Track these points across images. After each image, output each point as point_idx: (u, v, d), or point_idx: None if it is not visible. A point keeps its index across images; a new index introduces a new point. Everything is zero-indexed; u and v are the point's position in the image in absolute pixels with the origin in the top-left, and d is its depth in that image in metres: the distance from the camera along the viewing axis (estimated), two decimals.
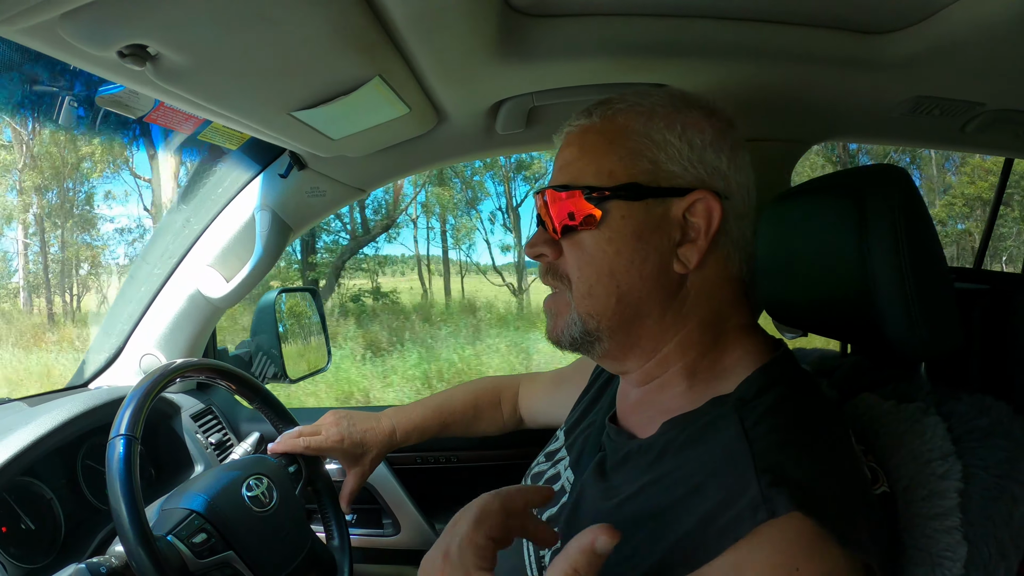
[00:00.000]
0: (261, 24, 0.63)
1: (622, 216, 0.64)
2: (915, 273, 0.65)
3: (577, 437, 0.82)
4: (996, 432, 0.66)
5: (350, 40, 0.69)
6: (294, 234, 1.31)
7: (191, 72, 0.69)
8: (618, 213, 0.64)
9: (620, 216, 0.64)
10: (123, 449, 0.78)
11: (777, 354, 0.67)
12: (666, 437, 0.63)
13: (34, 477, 1.02)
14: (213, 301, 1.27)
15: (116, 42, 0.61)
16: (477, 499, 0.56)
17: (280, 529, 0.93)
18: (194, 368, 0.96)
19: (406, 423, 1.09)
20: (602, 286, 0.66)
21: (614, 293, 0.65)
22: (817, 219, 0.75)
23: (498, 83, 0.95)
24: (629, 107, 0.67)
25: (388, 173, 1.26)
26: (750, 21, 0.87)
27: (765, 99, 1.03)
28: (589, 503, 0.67)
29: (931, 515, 0.63)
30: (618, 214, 0.64)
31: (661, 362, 0.68)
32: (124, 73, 0.67)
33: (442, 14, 0.70)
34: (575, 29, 0.83)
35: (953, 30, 0.81)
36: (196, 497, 0.87)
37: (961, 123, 1.11)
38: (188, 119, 0.94)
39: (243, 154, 1.18)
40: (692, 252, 0.65)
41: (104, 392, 1.20)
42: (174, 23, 0.60)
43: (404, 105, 0.89)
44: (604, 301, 0.66)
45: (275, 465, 0.99)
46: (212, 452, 1.30)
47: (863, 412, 0.74)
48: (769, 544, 0.49)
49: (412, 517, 1.43)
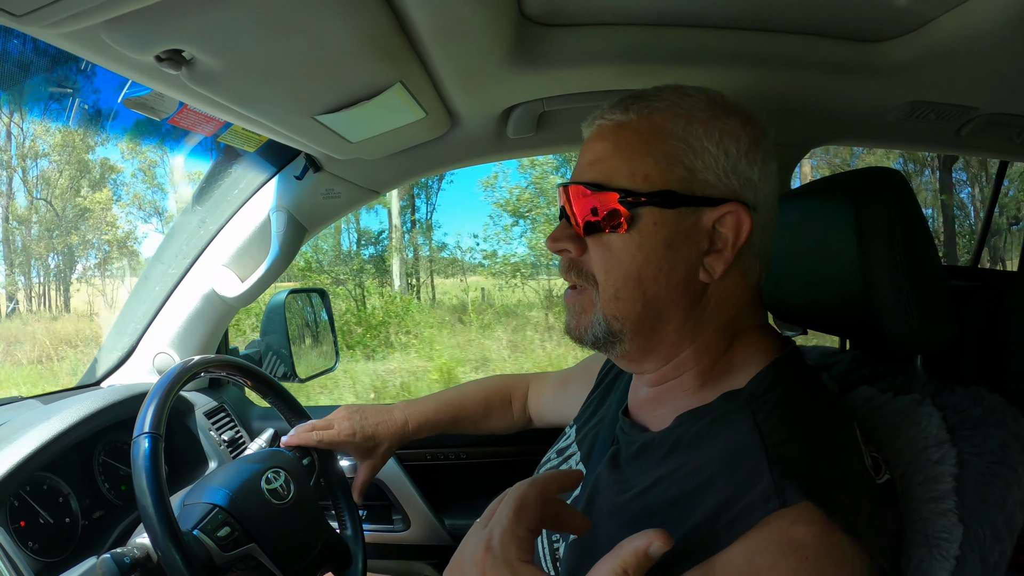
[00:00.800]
0: (292, 31, 0.65)
1: (655, 223, 0.63)
2: (910, 271, 0.68)
3: (588, 433, 0.83)
4: (989, 421, 0.68)
5: (375, 47, 0.72)
6: (309, 234, 1.33)
7: (223, 76, 0.71)
8: (651, 219, 0.63)
9: (653, 223, 0.63)
10: (148, 446, 0.79)
11: (786, 351, 0.68)
12: (679, 431, 0.64)
13: (52, 473, 1.03)
14: (228, 300, 1.28)
15: (156, 47, 0.63)
16: (512, 489, 0.54)
17: (298, 520, 0.94)
18: (213, 364, 0.97)
19: (419, 415, 1.09)
20: (629, 290, 0.65)
21: (640, 299, 0.65)
22: (815, 221, 0.77)
23: (510, 89, 0.98)
24: (668, 107, 0.65)
25: (401, 175, 1.28)
26: (751, 30, 0.91)
27: (765, 104, 1.06)
28: (603, 496, 0.67)
29: (928, 498, 0.65)
30: (651, 220, 0.63)
31: (678, 366, 0.68)
32: (159, 77, 0.70)
33: (462, 23, 0.73)
34: (584, 38, 0.87)
35: (946, 38, 0.84)
36: (218, 491, 0.88)
37: (956, 127, 1.14)
38: (209, 121, 0.96)
39: (259, 156, 1.20)
40: (718, 262, 0.64)
41: (121, 389, 1.21)
42: (211, 29, 0.62)
43: (421, 110, 0.91)
44: (630, 305, 0.65)
45: (290, 458, 1.00)
46: (225, 449, 1.32)
47: (862, 404, 0.77)
48: (780, 533, 0.50)
49: (422, 513, 1.44)
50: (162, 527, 0.75)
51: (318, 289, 1.56)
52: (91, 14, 0.55)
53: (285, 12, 0.62)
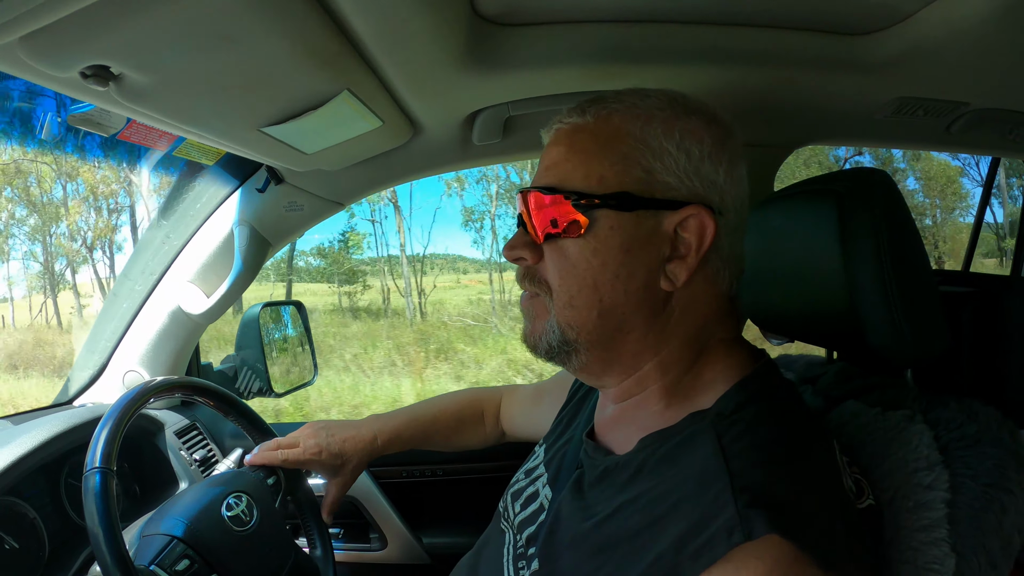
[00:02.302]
0: (222, 43, 0.62)
1: (610, 227, 0.61)
2: (898, 278, 0.63)
3: (555, 454, 0.80)
4: (984, 439, 0.64)
5: (314, 55, 0.68)
6: (273, 249, 1.30)
7: (156, 91, 0.68)
8: (606, 223, 0.61)
9: (608, 226, 0.61)
10: (98, 482, 0.76)
11: (758, 366, 0.64)
12: (643, 454, 0.61)
13: (17, 496, 1.00)
14: (194, 317, 1.26)
15: (77, 63, 0.60)
16: None
17: (262, 546, 0.92)
18: (164, 388, 0.94)
19: (388, 431, 1.06)
20: (584, 298, 0.62)
21: (596, 307, 0.62)
22: (798, 225, 0.73)
23: (472, 94, 0.94)
24: (626, 108, 0.63)
25: (366, 186, 1.25)
26: (727, 25, 0.87)
27: (746, 104, 1.03)
28: (567, 523, 0.65)
29: (918, 527, 0.61)
30: (606, 224, 0.61)
31: (640, 380, 0.66)
32: (89, 93, 0.67)
33: (406, 26, 0.69)
34: (549, 37, 0.83)
35: (933, 30, 0.81)
36: (176, 521, 0.85)
37: (946, 123, 1.11)
38: (162, 136, 0.93)
39: (221, 169, 1.17)
40: (681, 269, 0.61)
41: (87, 410, 1.19)
42: (134, 44, 0.59)
43: (376, 118, 0.88)
44: (585, 314, 0.62)
45: (254, 480, 0.97)
46: (197, 468, 1.29)
47: (848, 420, 0.73)
48: (744, 569, 0.47)
49: (398, 531, 1.42)
50: (115, 566, 0.73)
51: (294, 301, 1.54)
52: (2, 31, 0.51)
53: (212, 24, 0.58)
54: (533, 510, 0.75)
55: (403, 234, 12.37)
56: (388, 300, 12.42)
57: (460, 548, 1.24)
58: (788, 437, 0.58)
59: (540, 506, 0.75)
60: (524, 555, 0.72)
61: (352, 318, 11.93)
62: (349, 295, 12.54)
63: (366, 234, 13.00)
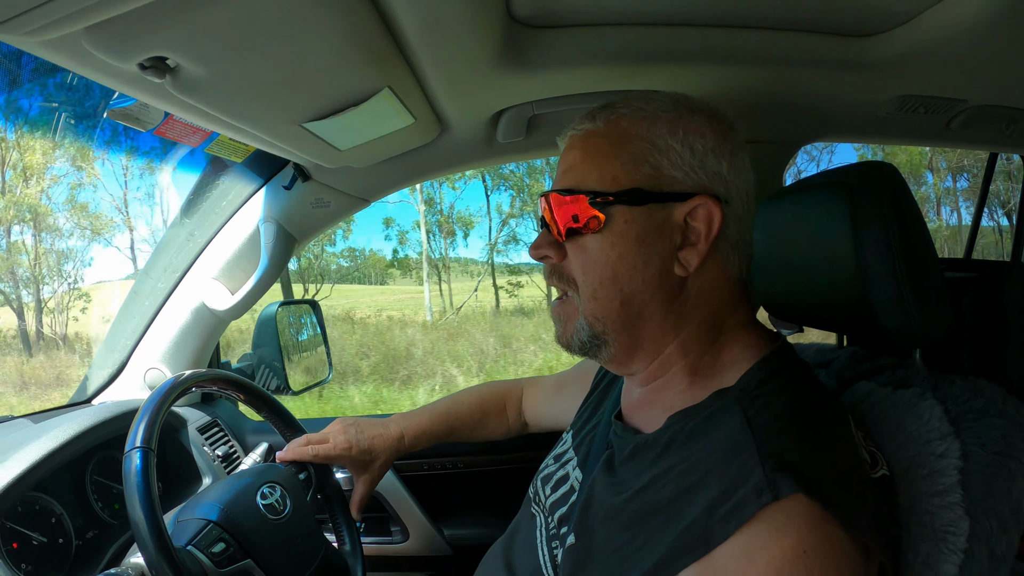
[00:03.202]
0: (278, 37, 0.64)
1: (625, 221, 0.66)
2: (907, 265, 0.67)
3: (584, 438, 0.83)
4: (991, 412, 0.68)
5: (362, 52, 0.71)
6: (299, 245, 1.32)
7: (208, 84, 0.70)
8: (621, 218, 0.66)
9: (623, 221, 0.66)
10: (140, 461, 0.77)
11: (776, 346, 0.68)
12: (672, 431, 0.64)
13: (43, 492, 1.01)
14: (219, 313, 1.27)
15: (138, 54, 0.62)
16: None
17: (295, 536, 0.93)
18: (205, 379, 0.96)
19: (414, 428, 1.09)
20: (606, 289, 0.67)
21: (618, 296, 0.67)
22: (809, 217, 0.77)
23: (499, 93, 0.98)
24: (632, 112, 0.68)
25: (391, 183, 1.27)
26: (741, 28, 0.90)
27: (757, 103, 1.06)
28: (600, 499, 0.68)
29: (933, 492, 0.65)
30: (621, 219, 0.66)
31: (664, 362, 0.70)
32: (143, 86, 0.69)
33: (449, 24, 0.72)
34: (574, 39, 0.86)
35: (933, 32, 0.85)
36: (212, 506, 0.86)
37: (946, 120, 1.15)
38: (196, 132, 0.95)
39: (247, 167, 1.19)
40: (692, 255, 0.66)
41: (111, 406, 1.20)
42: (195, 36, 0.61)
43: (410, 115, 0.91)
44: (608, 304, 0.67)
45: (286, 473, 0.99)
46: (219, 464, 1.30)
47: (861, 399, 0.76)
48: (775, 527, 0.50)
49: (420, 524, 1.43)
50: (155, 543, 0.73)
51: (309, 300, 1.55)
52: (72, 20, 0.54)
53: (271, 18, 0.61)
54: (564, 492, 0.79)
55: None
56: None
57: (481, 539, 1.26)
58: (808, 409, 0.62)
59: (571, 488, 0.78)
60: (557, 535, 0.75)
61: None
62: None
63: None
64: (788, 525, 0.50)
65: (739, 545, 0.51)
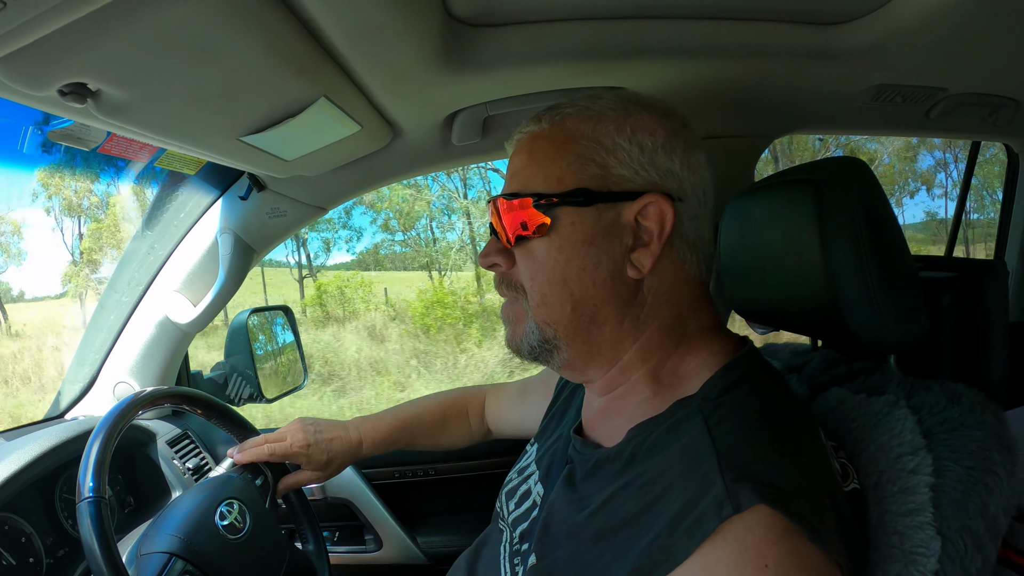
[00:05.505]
0: (198, 55, 0.62)
1: (572, 223, 0.63)
2: (877, 265, 0.64)
3: (546, 451, 0.81)
4: (968, 422, 0.65)
5: (290, 63, 0.68)
6: (258, 256, 1.30)
7: (134, 105, 0.68)
8: (568, 220, 0.63)
9: (570, 223, 0.63)
10: (93, 512, 0.76)
11: (741, 352, 0.65)
12: (633, 443, 0.62)
13: (12, 512, 1.00)
14: (181, 326, 1.25)
15: (54, 82, 0.60)
16: None
17: (258, 549, 0.92)
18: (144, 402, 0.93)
19: (374, 435, 1.07)
20: (555, 294, 0.64)
21: (568, 301, 0.64)
22: (778, 215, 0.74)
23: (449, 95, 0.94)
24: (578, 112, 0.66)
25: (348, 190, 1.25)
26: (705, 19, 0.87)
27: (726, 96, 1.03)
28: (561, 516, 0.65)
29: (903, 511, 0.62)
30: (568, 221, 0.63)
31: (623, 369, 0.67)
32: (68, 110, 0.66)
33: (380, 30, 0.68)
34: (523, 37, 0.82)
35: (909, 16, 0.81)
36: (171, 538, 0.85)
37: (925, 109, 1.11)
38: (143, 147, 0.92)
39: (202, 178, 1.17)
40: (646, 256, 0.63)
41: (78, 424, 1.18)
42: (110, 60, 0.59)
43: (355, 123, 0.88)
44: (559, 309, 0.65)
45: (242, 483, 0.97)
46: (190, 477, 1.28)
47: (833, 407, 0.74)
48: (735, 541, 0.48)
49: (393, 532, 1.42)
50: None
51: (282, 306, 1.53)
52: None
53: (188, 35, 0.58)
54: (526, 507, 0.76)
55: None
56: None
57: (455, 547, 1.24)
58: (774, 417, 0.59)
59: (533, 503, 0.76)
60: (519, 551, 0.73)
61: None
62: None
63: None
64: (748, 538, 0.48)
65: (700, 561, 0.49)
